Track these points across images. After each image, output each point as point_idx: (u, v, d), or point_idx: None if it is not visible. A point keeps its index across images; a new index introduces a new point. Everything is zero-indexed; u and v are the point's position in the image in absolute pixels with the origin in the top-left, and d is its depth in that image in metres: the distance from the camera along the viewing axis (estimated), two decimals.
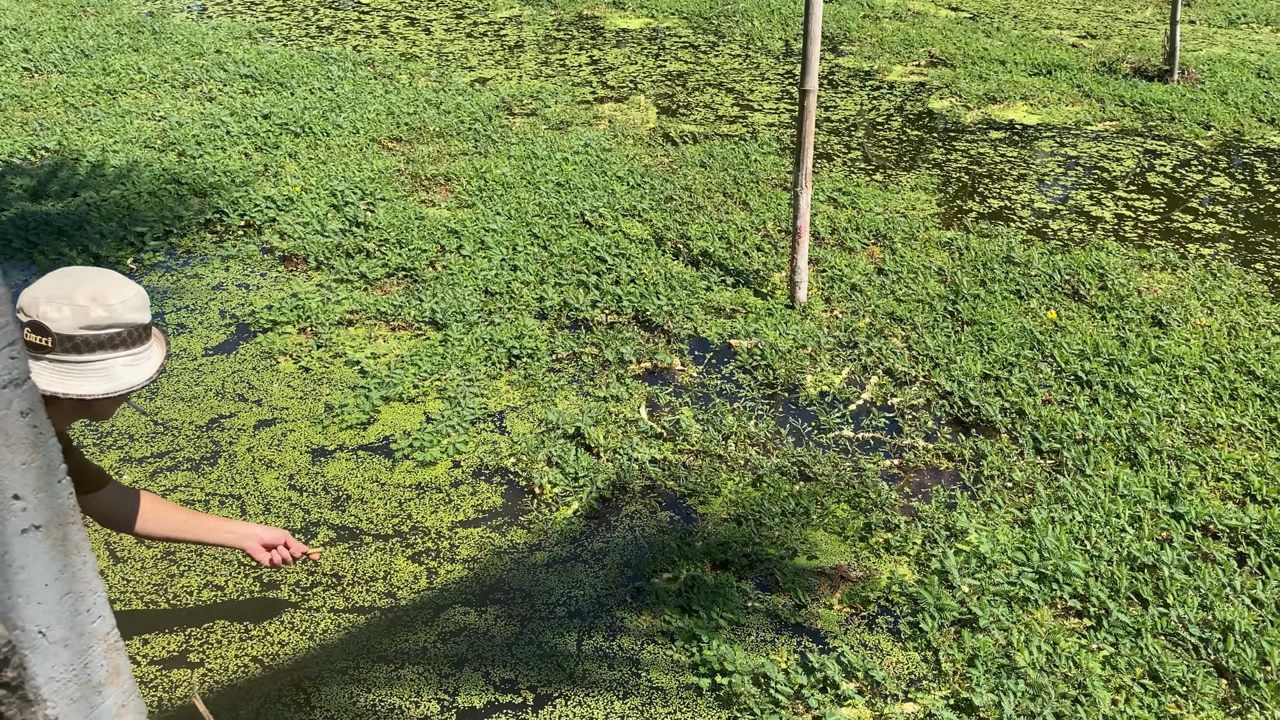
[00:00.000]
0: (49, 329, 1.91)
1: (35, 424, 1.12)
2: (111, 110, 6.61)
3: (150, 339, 2.10)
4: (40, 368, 1.91)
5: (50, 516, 1.14)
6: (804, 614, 2.83)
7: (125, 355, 2.00)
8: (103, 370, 1.97)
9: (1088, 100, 7.27)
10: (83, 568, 1.20)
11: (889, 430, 3.65)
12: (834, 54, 8.59)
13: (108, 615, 1.25)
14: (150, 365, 2.07)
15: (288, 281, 4.62)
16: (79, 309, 1.92)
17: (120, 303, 1.97)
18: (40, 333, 1.91)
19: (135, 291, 2.02)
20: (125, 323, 1.99)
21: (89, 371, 1.96)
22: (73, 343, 1.93)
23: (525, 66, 7.98)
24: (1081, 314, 4.35)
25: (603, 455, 3.46)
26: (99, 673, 1.25)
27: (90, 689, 1.24)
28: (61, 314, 1.92)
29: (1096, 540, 3.07)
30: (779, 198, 5.46)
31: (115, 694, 1.28)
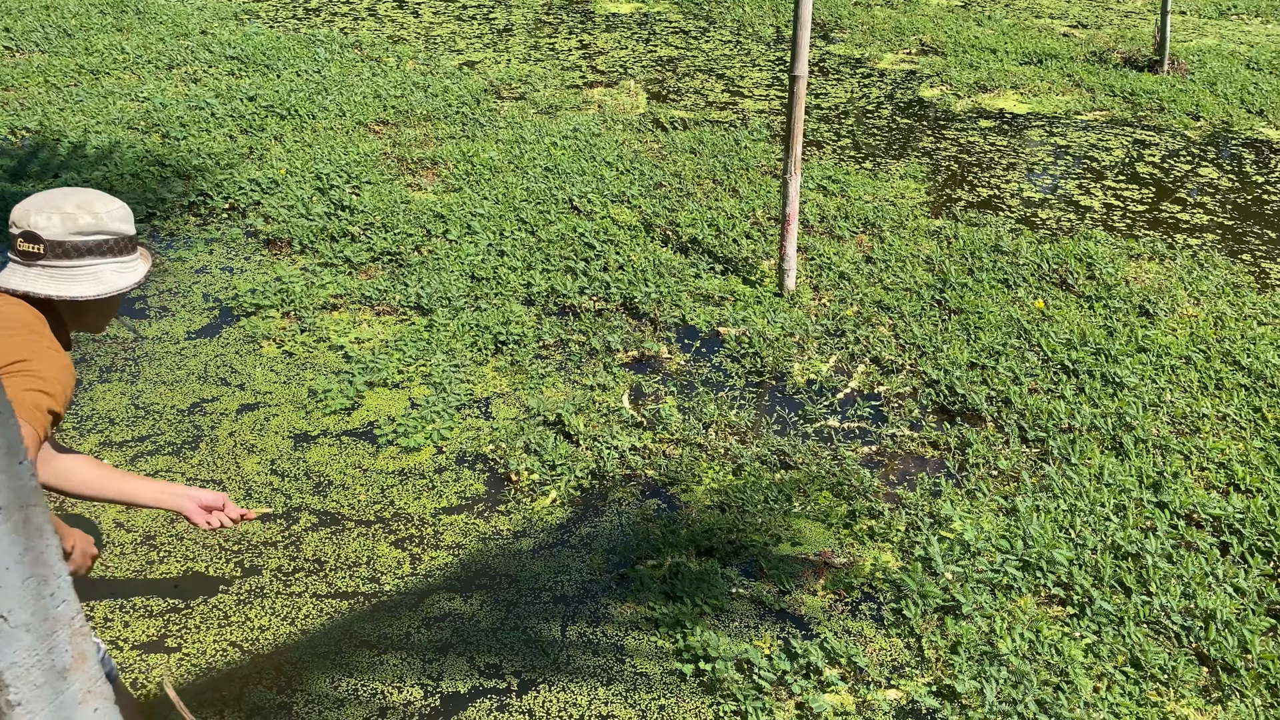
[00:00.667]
0: (40, 236, 2.02)
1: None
2: (94, 90, 6.54)
3: (136, 251, 2.20)
4: (34, 274, 2.03)
5: (10, 499, 1.11)
6: (788, 600, 2.83)
7: (113, 262, 2.11)
8: (92, 274, 2.08)
9: (1078, 90, 7.26)
10: (45, 551, 1.17)
11: (874, 419, 3.64)
12: (825, 41, 8.56)
13: (72, 600, 1.22)
14: (136, 274, 2.17)
15: (272, 265, 4.57)
16: (67, 216, 2.04)
17: (105, 212, 2.09)
18: (32, 240, 2.02)
19: (120, 204, 2.14)
20: (111, 230, 2.09)
21: (79, 276, 2.06)
22: (63, 248, 2.04)
23: (514, 50, 7.93)
24: (1069, 303, 4.34)
25: (582, 443, 3.44)
26: (63, 658, 1.22)
27: (54, 675, 1.22)
28: (51, 221, 2.03)
29: (1081, 529, 3.07)
30: (769, 185, 5.43)
31: (80, 680, 1.25)
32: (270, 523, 3.09)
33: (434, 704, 2.52)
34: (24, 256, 2.02)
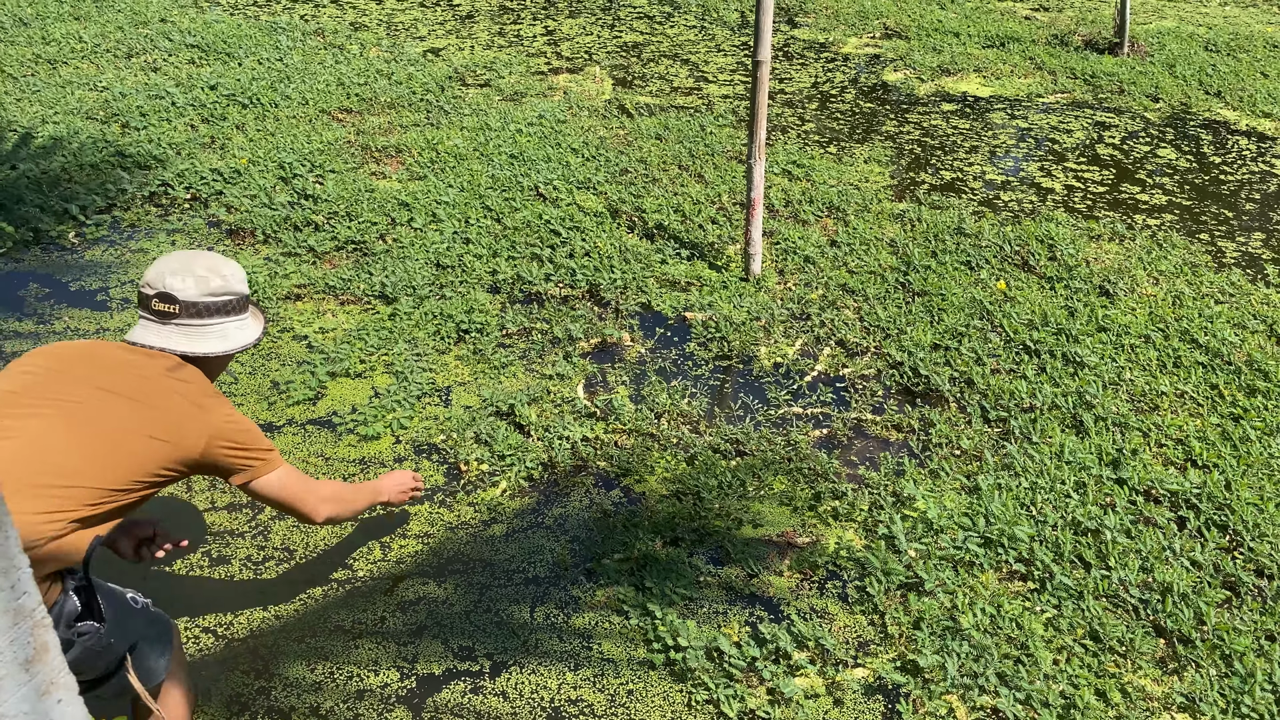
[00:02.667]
0: (176, 297, 2.23)
1: None
2: (51, 80, 6.43)
3: (249, 309, 2.42)
4: (168, 331, 2.24)
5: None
6: (756, 583, 2.86)
7: (235, 320, 2.34)
8: (220, 332, 2.30)
9: (1040, 73, 7.33)
10: (5, 543, 1.17)
11: (837, 404, 3.67)
12: (790, 26, 8.58)
13: (33, 592, 1.22)
14: (254, 330, 2.40)
15: (235, 255, 4.54)
16: (200, 279, 2.25)
17: (231, 274, 2.31)
18: (168, 301, 2.22)
19: (238, 266, 2.35)
20: (235, 291, 2.32)
21: (209, 334, 2.28)
22: (196, 308, 2.25)
23: (478, 37, 7.88)
24: (1031, 284, 4.40)
25: (533, 434, 3.43)
26: (26, 650, 1.22)
27: (17, 666, 1.22)
28: (186, 284, 2.23)
29: (1042, 506, 3.12)
30: (734, 170, 5.45)
31: (43, 671, 1.25)
32: (236, 512, 3.07)
33: (412, 684, 2.53)
34: (159, 316, 2.23)
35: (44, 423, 2.00)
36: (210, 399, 2.21)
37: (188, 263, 2.26)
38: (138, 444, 2.05)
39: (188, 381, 2.19)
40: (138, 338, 2.23)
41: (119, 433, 2.04)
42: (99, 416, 2.04)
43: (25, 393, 2.06)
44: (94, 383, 2.09)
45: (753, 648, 2.62)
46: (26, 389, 2.07)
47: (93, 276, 4.36)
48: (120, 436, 2.04)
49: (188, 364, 2.24)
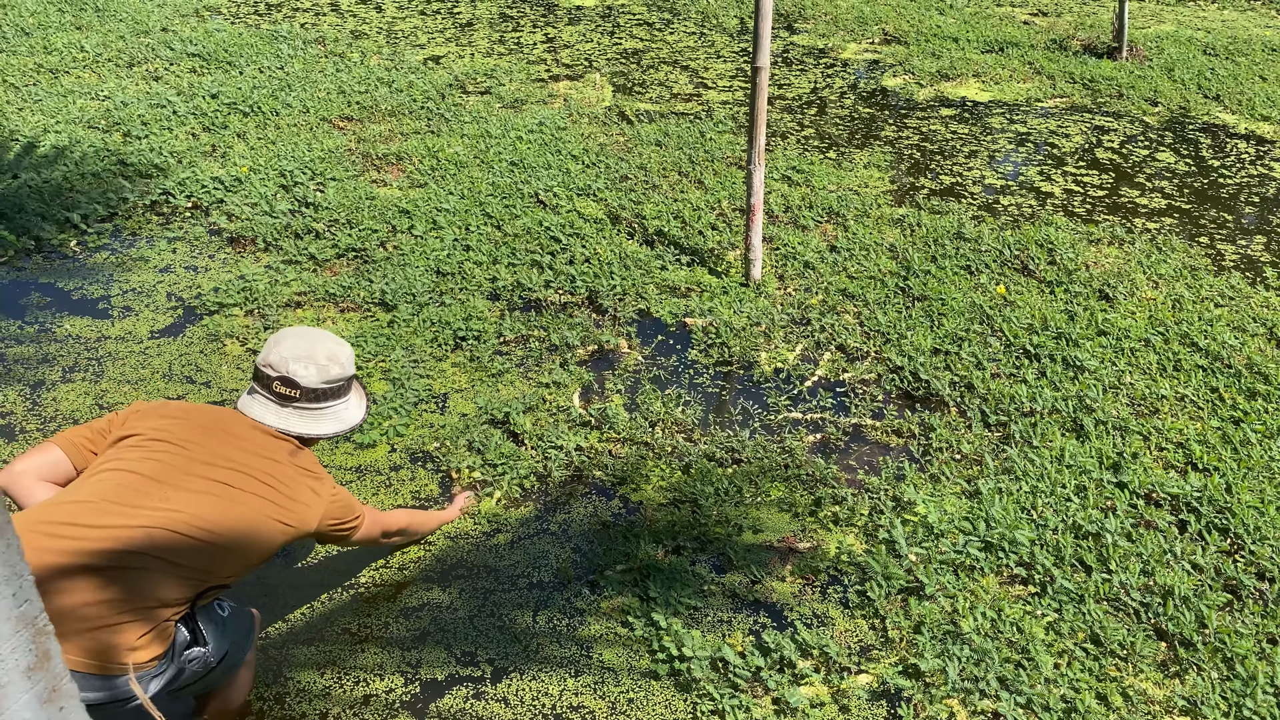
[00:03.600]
0: (299, 383, 2.37)
1: None
2: (53, 89, 6.46)
3: (354, 385, 2.56)
4: (287, 413, 2.38)
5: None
6: (759, 589, 2.85)
7: (344, 401, 2.49)
8: (334, 414, 2.46)
9: (1038, 77, 7.34)
10: (7, 551, 1.17)
11: (836, 409, 3.67)
12: (789, 32, 8.60)
13: (35, 599, 1.23)
14: (360, 409, 2.55)
15: (236, 263, 4.55)
16: (321, 367, 2.40)
17: (346, 360, 2.47)
18: (289, 385, 2.37)
19: (350, 349, 2.51)
20: (348, 375, 2.48)
21: (324, 416, 2.44)
22: (315, 394, 2.40)
23: (478, 44, 7.90)
24: (1030, 288, 4.40)
25: (527, 443, 3.41)
26: (27, 658, 1.23)
27: (19, 674, 1.22)
28: (308, 371, 2.38)
29: (1042, 510, 3.13)
30: (734, 176, 5.46)
31: (45, 679, 1.26)
32: None
33: (414, 690, 2.53)
34: (280, 399, 2.37)
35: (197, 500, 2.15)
36: (323, 483, 2.36)
37: (310, 350, 2.39)
38: (269, 528, 2.21)
39: (307, 469, 2.34)
40: (257, 415, 2.35)
41: (257, 520, 2.20)
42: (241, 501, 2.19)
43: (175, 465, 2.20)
44: (234, 463, 2.23)
45: (757, 657, 2.61)
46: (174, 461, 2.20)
47: (95, 284, 4.37)
48: (258, 523, 2.19)
49: (304, 448, 2.39)
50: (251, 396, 2.40)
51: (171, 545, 2.07)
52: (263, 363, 2.39)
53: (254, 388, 2.41)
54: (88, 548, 2.01)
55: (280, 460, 2.31)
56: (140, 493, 2.13)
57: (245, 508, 2.18)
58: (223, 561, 2.14)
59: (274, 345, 2.41)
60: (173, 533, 2.08)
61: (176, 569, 2.07)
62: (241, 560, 2.19)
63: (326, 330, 2.51)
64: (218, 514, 2.14)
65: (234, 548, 2.15)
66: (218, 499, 2.16)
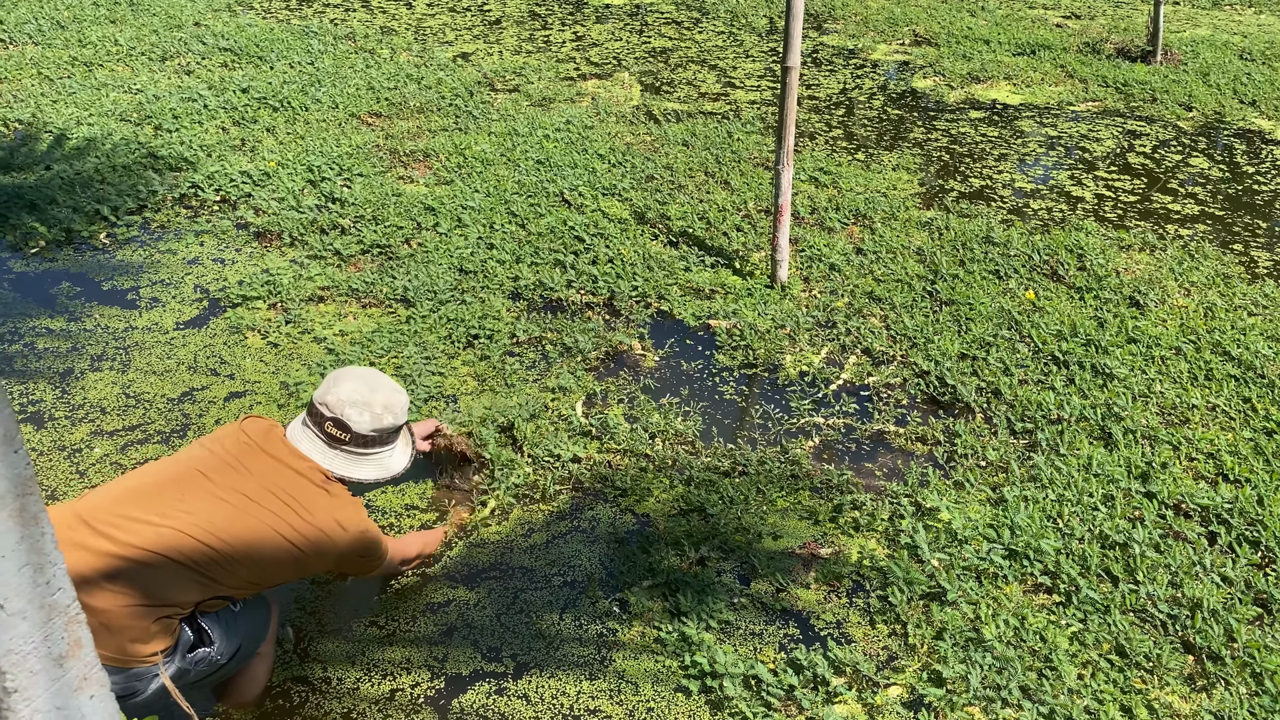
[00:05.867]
0: (351, 428, 2.40)
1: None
2: (87, 82, 6.52)
3: (403, 430, 2.58)
4: (333, 454, 2.41)
5: (7, 487, 1.13)
6: (785, 597, 2.82)
7: (390, 448, 2.51)
8: (377, 461, 2.48)
9: (1071, 80, 7.27)
10: (41, 539, 1.18)
11: (861, 415, 3.65)
12: (818, 32, 8.56)
13: (68, 587, 1.24)
14: (405, 456, 2.57)
15: (261, 257, 4.58)
16: (376, 415, 2.43)
17: (400, 409, 2.48)
18: (341, 428, 2.40)
19: (407, 398, 2.54)
20: (400, 424, 2.50)
21: (367, 462, 2.46)
22: (364, 439, 2.43)
23: (507, 42, 7.92)
24: (1060, 294, 4.36)
25: (525, 450, 3.36)
26: (59, 645, 1.24)
27: (51, 662, 1.23)
28: (362, 418, 2.41)
29: (1069, 518, 3.09)
30: (760, 177, 5.44)
31: (77, 667, 1.27)
32: None
33: (439, 686, 2.54)
34: (330, 439, 2.40)
35: (214, 507, 2.19)
36: (351, 516, 2.36)
37: (368, 397, 2.42)
38: (274, 544, 2.22)
39: (336, 496, 2.36)
40: (305, 450, 2.38)
41: (265, 533, 2.22)
42: (253, 514, 2.22)
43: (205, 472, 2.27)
44: (261, 478, 2.28)
45: (790, 675, 2.56)
46: (204, 468, 2.27)
47: (123, 276, 4.41)
48: (264, 537, 2.22)
49: (336, 480, 2.40)
50: (303, 428, 2.42)
51: (180, 548, 2.11)
52: (319, 400, 2.41)
53: (306, 420, 2.43)
54: (104, 547, 2.06)
55: (309, 484, 2.33)
56: (163, 495, 2.18)
57: (255, 520, 2.21)
58: (228, 571, 2.17)
59: (333, 384, 2.43)
60: (184, 535, 2.12)
61: (184, 571, 2.11)
62: (248, 573, 2.20)
63: (382, 372, 2.53)
64: (228, 523, 2.17)
65: (238, 558, 2.17)
66: (233, 509, 2.20)
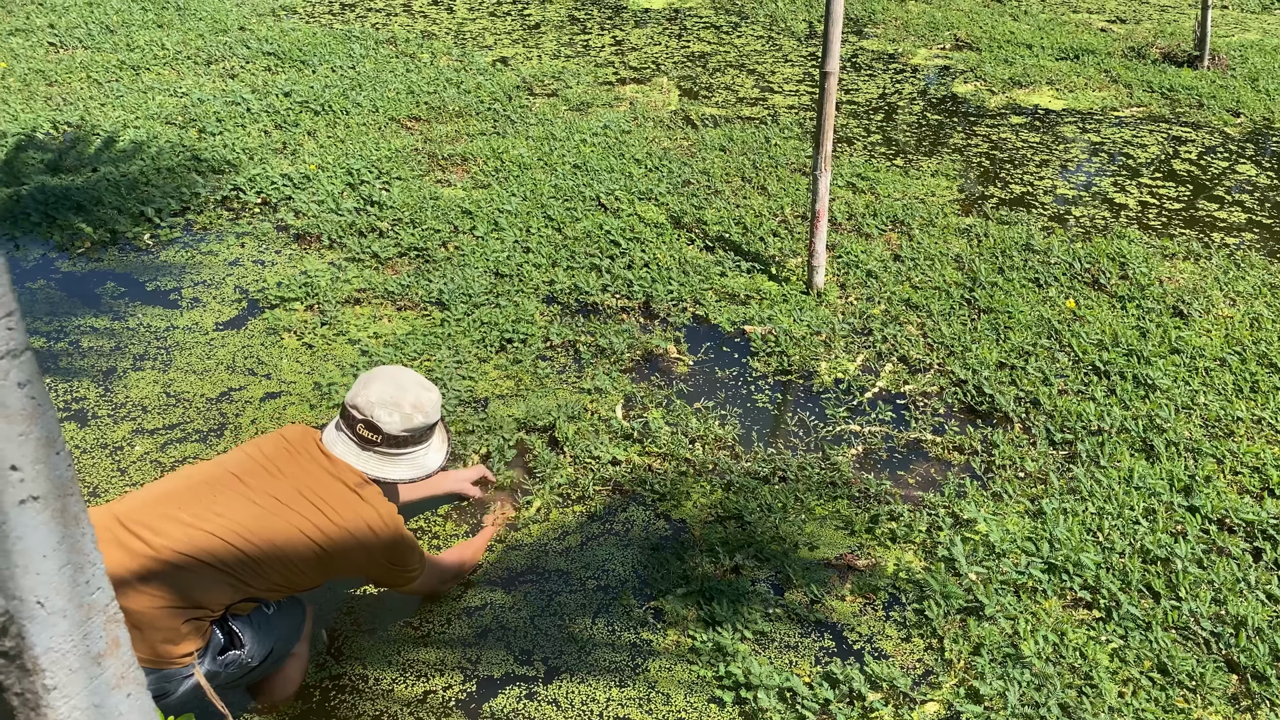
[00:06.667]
0: (381, 429, 2.40)
1: (33, 395, 1.12)
2: (134, 86, 6.64)
3: (438, 428, 2.57)
4: (366, 456, 2.42)
5: (49, 488, 1.15)
6: (820, 609, 2.80)
7: (424, 447, 2.51)
8: (410, 460, 2.48)
9: (1115, 86, 7.17)
10: (81, 539, 1.20)
11: (897, 423, 3.61)
12: (858, 36, 8.51)
13: (106, 587, 1.25)
14: (440, 454, 2.56)
15: (300, 259, 4.63)
16: (406, 415, 2.42)
17: (431, 408, 2.47)
18: (372, 430, 2.40)
19: (439, 396, 2.52)
20: (431, 422, 2.49)
21: (401, 461, 2.46)
22: (396, 440, 2.43)
23: (546, 46, 7.95)
24: (1101, 303, 4.30)
25: (568, 452, 3.38)
26: (98, 644, 1.25)
27: (89, 660, 1.25)
28: (392, 419, 2.41)
29: (1109, 532, 3.04)
30: (798, 182, 5.42)
31: (114, 665, 1.29)
32: None
33: (470, 689, 2.55)
34: (361, 441, 2.41)
35: (244, 509, 2.22)
36: (385, 521, 2.36)
37: (398, 396, 2.42)
38: (299, 544, 2.24)
39: (369, 501, 2.36)
40: (339, 453, 2.40)
41: (291, 534, 2.24)
42: (282, 516, 2.25)
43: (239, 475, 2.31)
44: (294, 481, 2.31)
45: (825, 689, 2.54)
46: (239, 470, 2.32)
47: (166, 277, 4.48)
48: (291, 538, 2.24)
49: (371, 482, 2.41)
50: (337, 432, 2.44)
51: (211, 549, 2.14)
52: (350, 402, 2.42)
53: (339, 424, 2.45)
54: (137, 548, 2.10)
55: (342, 486, 2.34)
56: (196, 498, 2.22)
57: (284, 522, 2.23)
58: (257, 572, 2.19)
59: (363, 386, 2.44)
60: (214, 537, 2.15)
61: (214, 573, 2.14)
62: (277, 575, 2.22)
63: (413, 371, 2.53)
64: (257, 525, 2.20)
65: (267, 560, 2.20)
66: (263, 511, 2.23)
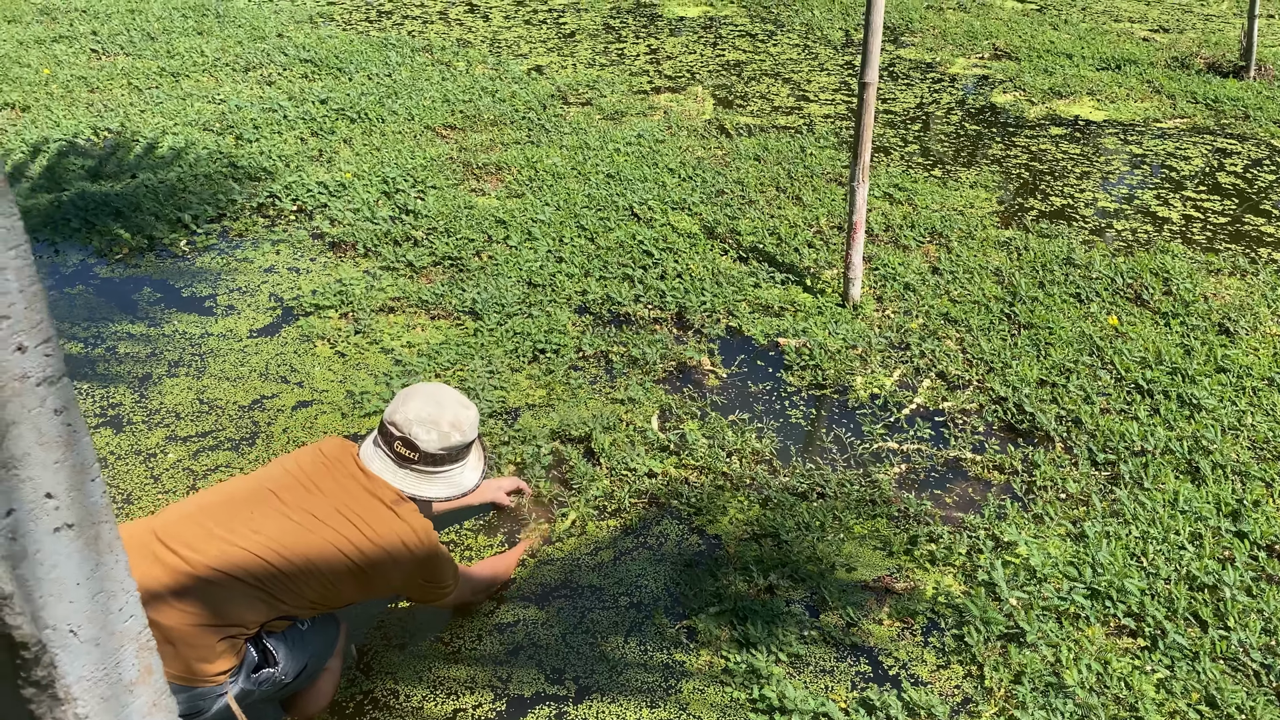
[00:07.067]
0: (419, 447, 2.37)
1: (69, 421, 1.10)
2: (174, 92, 6.70)
3: (474, 446, 2.55)
4: (403, 474, 2.39)
5: (82, 515, 1.13)
6: (856, 633, 2.75)
7: (460, 465, 2.48)
8: (447, 479, 2.45)
9: (1158, 96, 7.05)
10: (115, 567, 1.18)
11: (935, 441, 3.55)
12: (895, 45, 8.44)
13: (139, 615, 1.24)
14: (476, 473, 2.53)
15: (335, 267, 4.64)
16: (444, 434, 2.39)
17: (469, 426, 2.44)
18: (410, 448, 2.37)
19: (476, 414, 2.49)
20: (469, 440, 2.46)
21: (437, 480, 2.43)
22: (433, 458, 2.40)
23: (580, 55, 7.94)
24: (1144, 320, 4.21)
25: (604, 463, 3.35)
26: (130, 672, 1.24)
27: (121, 688, 1.24)
28: (430, 436, 2.38)
29: (1154, 557, 2.97)
30: (833, 193, 5.36)
31: (146, 693, 1.27)
32: None
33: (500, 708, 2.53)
34: (399, 459, 2.38)
35: (280, 525, 2.21)
36: (421, 539, 2.34)
37: (436, 414, 2.39)
38: (333, 560, 2.22)
39: (405, 519, 2.34)
40: (376, 470, 2.37)
41: (326, 550, 2.22)
42: (318, 532, 2.23)
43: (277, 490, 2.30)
44: (331, 497, 2.29)
45: (862, 715, 2.49)
46: (277, 486, 2.30)
47: (202, 283, 4.50)
48: (325, 554, 2.22)
49: (407, 498, 2.39)
50: (374, 448, 2.42)
51: (247, 566, 2.13)
52: (388, 419, 2.40)
53: (377, 439, 2.43)
54: (174, 563, 2.10)
55: (378, 503, 2.33)
56: (234, 514, 2.22)
57: (319, 539, 2.22)
58: (292, 590, 2.18)
59: (402, 402, 2.42)
60: (250, 554, 2.14)
61: (251, 590, 2.13)
62: (312, 592, 2.21)
63: (451, 388, 2.52)
64: (293, 541, 2.19)
65: (302, 577, 2.19)
66: (299, 527, 2.22)
